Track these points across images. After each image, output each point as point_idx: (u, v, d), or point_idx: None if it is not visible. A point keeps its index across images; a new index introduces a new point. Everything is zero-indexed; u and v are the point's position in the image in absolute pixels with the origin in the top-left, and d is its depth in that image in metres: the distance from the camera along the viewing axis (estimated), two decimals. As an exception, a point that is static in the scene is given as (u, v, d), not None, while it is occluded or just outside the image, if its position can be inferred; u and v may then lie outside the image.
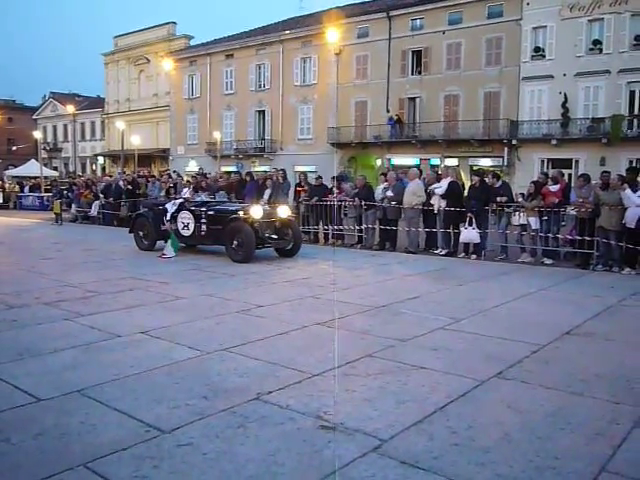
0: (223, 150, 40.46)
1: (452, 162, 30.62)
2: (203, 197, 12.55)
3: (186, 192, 13.24)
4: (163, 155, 47.53)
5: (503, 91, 31.42)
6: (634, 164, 24.79)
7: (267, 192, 14.71)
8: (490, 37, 31.47)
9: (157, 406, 3.67)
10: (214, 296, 7.28)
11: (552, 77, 29.66)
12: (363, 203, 13.18)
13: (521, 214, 11.39)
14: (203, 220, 11.22)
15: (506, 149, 31.17)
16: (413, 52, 34.28)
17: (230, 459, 3.01)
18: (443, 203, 12.08)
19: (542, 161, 30.01)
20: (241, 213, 10.71)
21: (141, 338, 5.27)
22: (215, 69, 43.99)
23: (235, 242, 10.52)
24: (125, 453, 3.06)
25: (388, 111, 34.90)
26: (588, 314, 6.48)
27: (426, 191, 12.49)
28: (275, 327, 5.68)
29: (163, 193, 17.82)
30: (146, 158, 45.40)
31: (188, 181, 17.71)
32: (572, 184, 15.60)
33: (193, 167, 34.45)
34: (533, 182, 12.00)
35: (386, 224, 12.93)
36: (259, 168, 34.36)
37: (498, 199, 11.55)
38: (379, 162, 34.43)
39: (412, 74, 34.53)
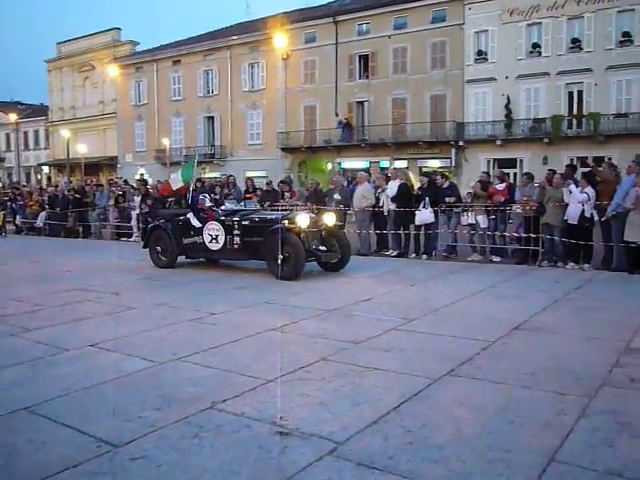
0: (172, 157, 39.94)
1: (401, 164, 31.01)
2: (228, 204, 11.24)
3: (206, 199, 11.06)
4: (111, 163, 46.61)
5: (448, 94, 32.05)
6: (574, 162, 25.62)
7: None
8: (435, 41, 32.08)
9: (108, 420, 3.59)
10: (166, 305, 7.18)
11: (495, 80, 30.43)
12: (314, 207, 13.21)
13: (470, 213, 11.63)
14: (236, 232, 9.77)
15: (453, 150, 31.80)
16: (360, 56, 34.61)
17: (185, 470, 2.97)
18: (392, 205, 12.21)
19: (488, 161, 30.70)
20: (286, 222, 9.30)
21: (90, 351, 5.15)
22: (162, 75, 43.38)
23: (280, 256, 9.01)
24: (76, 470, 2.98)
25: (337, 115, 35.11)
26: (535, 309, 6.67)
27: (375, 194, 12.64)
28: (228, 334, 5.63)
29: (112, 202, 17.52)
30: (93, 167, 44.42)
31: (137, 189, 17.43)
32: (517, 183, 16.04)
33: (143, 175, 33.96)
34: (479, 181, 12.26)
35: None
36: (209, 174, 34.02)
37: (447, 199, 11.78)
38: (330, 166, 34.59)
39: (360, 78, 34.86)
